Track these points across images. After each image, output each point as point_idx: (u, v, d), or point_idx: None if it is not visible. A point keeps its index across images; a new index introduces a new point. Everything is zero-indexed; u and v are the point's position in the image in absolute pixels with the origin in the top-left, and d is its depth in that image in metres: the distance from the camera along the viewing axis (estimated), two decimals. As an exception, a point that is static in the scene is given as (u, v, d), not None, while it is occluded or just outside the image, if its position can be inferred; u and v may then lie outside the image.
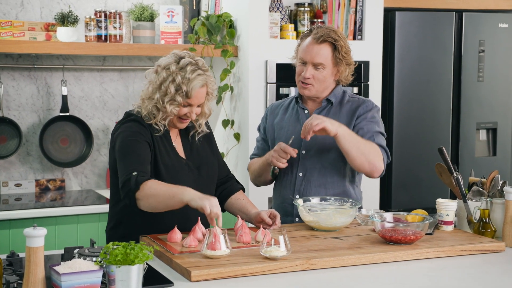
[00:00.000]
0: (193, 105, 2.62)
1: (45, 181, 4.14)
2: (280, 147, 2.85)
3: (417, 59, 4.45)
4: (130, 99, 4.32)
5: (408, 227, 2.53)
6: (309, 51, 2.90)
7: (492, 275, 2.30)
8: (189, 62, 2.59)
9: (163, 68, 2.62)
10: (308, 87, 2.93)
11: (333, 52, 2.89)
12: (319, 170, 2.95)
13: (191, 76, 2.57)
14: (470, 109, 4.62)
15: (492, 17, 4.64)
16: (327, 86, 2.96)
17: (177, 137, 2.75)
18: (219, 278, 2.17)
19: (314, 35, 2.90)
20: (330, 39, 2.88)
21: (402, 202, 4.44)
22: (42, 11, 4.09)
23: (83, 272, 1.92)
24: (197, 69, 2.59)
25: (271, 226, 2.66)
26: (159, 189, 2.45)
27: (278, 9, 4.15)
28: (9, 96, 4.07)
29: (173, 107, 2.59)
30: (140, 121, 2.66)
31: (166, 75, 2.60)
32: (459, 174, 2.84)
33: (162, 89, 2.60)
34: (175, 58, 2.63)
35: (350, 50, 2.94)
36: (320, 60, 2.89)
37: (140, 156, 2.55)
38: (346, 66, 2.93)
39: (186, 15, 4.23)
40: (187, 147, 2.75)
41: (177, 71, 2.58)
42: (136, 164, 2.52)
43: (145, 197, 2.45)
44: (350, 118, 2.95)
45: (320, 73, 2.90)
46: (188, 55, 2.64)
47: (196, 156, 2.75)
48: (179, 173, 2.66)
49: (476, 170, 3.20)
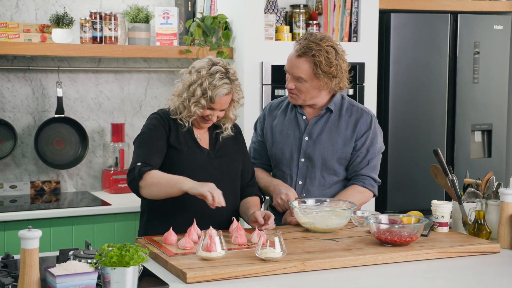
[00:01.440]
0: (216, 110, 2.76)
1: (40, 183, 4.13)
2: (288, 199, 2.87)
3: (412, 61, 4.45)
4: (126, 101, 4.32)
5: (404, 228, 2.53)
6: (290, 63, 2.90)
7: (487, 276, 2.30)
8: (219, 70, 2.74)
9: (196, 70, 2.77)
10: (293, 96, 2.96)
11: (312, 67, 2.83)
12: (318, 179, 2.97)
13: (217, 83, 2.71)
14: (465, 110, 4.62)
15: (487, 19, 4.65)
16: (315, 96, 2.94)
17: (205, 133, 2.88)
18: (215, 279, 2.17)
19: (297, 47, 2.87)
20: (308, 55, 2.82)
21: (397, 204, 4.44)
22: (37, 13, 4.09)
23: (78, 274, 1.92)
24: (225, 78, 2.73)
25: (263, 225, 2.67)
26: (160, 178, 2.64)
27: (273, 11, 4.15)
28: (4, 97, 4.06)
29: (197, 108, 2.74)
30: (160, 115, 2.84)
31: (196, 77, 2.75)
32: (454, 176, 2.85)
33: (190, 90, 2.75)
34: (208, 63, 2.77)
35: (337, 62, 2.84)
36: (299, 74, 2.87)
37: (150, 149, 2.75)
38: (329, 79, 2.86)
39: (182, 17, 4.23)
40: (212, 141, 2.87)
41: (206, 76, 2.73)
42: (143, 156, 2.73)
43: (147, 186, 2.65)
44: (351, 133, 2.97)
45: (302, 85, 2.90)
46: (221, 62, 2.78)
47: (221, 149, 2.85)
48: (196, 161, 2.78)
49: (471, 172, 3.21)
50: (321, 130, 2.97)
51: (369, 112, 3.02)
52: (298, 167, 2.98)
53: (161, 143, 2.77)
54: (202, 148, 2.82)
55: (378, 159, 3.04)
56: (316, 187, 2.97)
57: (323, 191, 2.97)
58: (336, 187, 3.00)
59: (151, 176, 2.65)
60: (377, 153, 3.02)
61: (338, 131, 2.95)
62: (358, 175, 2.98)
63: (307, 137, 2.97)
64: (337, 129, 2.95)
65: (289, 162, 2.99)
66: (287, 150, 3.00)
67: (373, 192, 3.01)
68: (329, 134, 2.96)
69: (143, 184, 2.66)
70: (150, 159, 2.71)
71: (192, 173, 2.70)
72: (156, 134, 2.78)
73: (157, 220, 2.80)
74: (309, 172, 2.97)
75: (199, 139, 2.84)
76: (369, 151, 2.98)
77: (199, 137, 2.84)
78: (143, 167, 2.67)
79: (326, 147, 2.94)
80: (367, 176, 2.98)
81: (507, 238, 2.65)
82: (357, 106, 3.02)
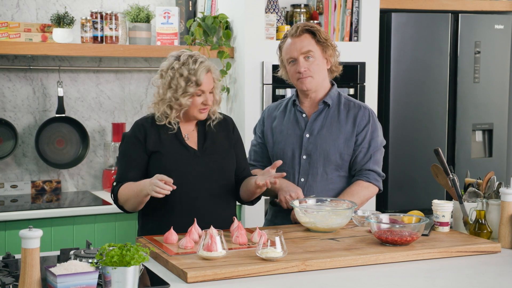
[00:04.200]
0: (206, 92, 2.75)
1: (41, 182, 4.13)
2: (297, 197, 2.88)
3: (413, 61, 4.45)
4: (126, 100, 4.32)
5: (404, 228, 2.53)
6: (294, 47, 2.95)
7: (488, 276, 2.30)
8: (188, 56, 2.75)
9: (167, 69, 2.77)
10: (307, 79, 2.95)
11: (314, 38, 2.95)
12: (320, 175, 2.97)
13: (195, 66, 2.72)
14: (466, 110, 4.62)
15: (488, 19, 4.65)
16: (324, 75, 3.00)
17: (193, 131, 2.85)
18: (215, 279, 2.17)
19: (291, 34, 2.97)
20: (307, 28, 2.95)
21: (398, 203, 4.44)
22: (38, 12, 4.09)
23: (79, 273, 1.92)
24: (198, 59, 2.75)
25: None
26: (128, 192, 2.67)
27: (274, 10, 4.15)
28: (5, 97, 4.06)
29: (186, 98, 2.73)
30: (134, 126, 2.81)
31: (172, 73, 2.74)
32: (455, 175, 2.85)
33: (172, 87, 2.73)
34: (174, 57, 2.78)
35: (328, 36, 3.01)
36: (307, 48, 2.93)
37: (124, 165, 2.77)
38: (332, 48, 2.98)
39: (182, 16, 4.23)
40: (201, 138, 2.83)
41: (181, 66, 2.73)
42: (118, 174, 2.77)
43: (124, 203, 2.72)
44: (351, 127, 2.98)
45: (313, 62, 2.94)
46: (183, 51, 2.80)
47: (210, 147, 2.82)
48: (182, 162, 2.75)
49: (472, 171, 3.21)
50: (322, 126, 2.98)
51: (367, 106, 3.04)
52: (300, 165, 2.98)
53: (135, 155, 2.75)
54: (189, 148, 2.78)
55: (381, 153, 3.04)
56: (318, 183, 2.97)
57: (326, 186, 2.97)
58: (340, 182, 3.00)
59: (121, 193, 2.69)
60: (379, 147, 3.02)
61: (338, 126, 2.97)
62: (362, 170, 2.99)
63: (308, 134, 2.98)
64: (337, 124, 2.98)
65: (291, 160, 3.00)
66: (289, 148, 3.00)
67: (378, 187, 3.02)
68: (330, 129, 2.97)
69: (120, 203, 2.73)
70: (124, 176, 2.74)
71: (179, 174, 2.68)
72: (129, 147, 2.77)
73: (152, 224, 2.78)
74: (311, 169, 2.97)
75: (187, 139, 2.81)
76: (371, 145, 2.99)
77: (187, 136, 2.81)
78: (115, 186, 2.73)
79: (327, 142, 2.95)
80: (371, 170, 2.98)
81: (508, 238, 2.64)
82: (354, 102, 3.05)
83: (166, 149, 2.75)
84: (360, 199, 2.94)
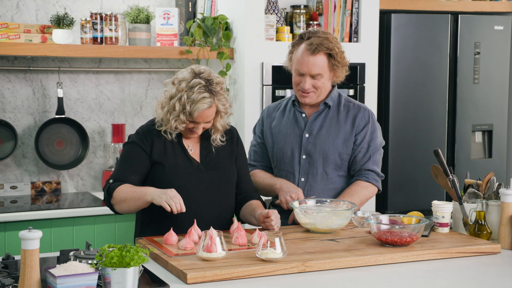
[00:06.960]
0: (200, 123, 2.66)
1: (40, 183, 4.13)
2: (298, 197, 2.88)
3: (413, 61, 4.45)
4: (126, 101, 4.32)
5: (404, 229, 2.53)
6: (305, 63, 2.88)
7: (487, 277, 2.30)
8: (199, 83, 2.61)
9: (178, 81, 2.65)
10: (309, 95, 2.94)
11: (328, 60, 2.88)
12: (321, 175, 2.98)
13: (196, 98, 2.59)
14: (466, 111, 4.62)
15: (488, 19, 4.65)
16: (326, 90, 2.99)
17: (196, 143, 2.78)
18: (215, 280, 2.17)
19: (309, 46, 2.87)
20: (324, 50, 2.86)
21: (398, 204, 4.44)
22: (38, 13, 4.09)
23: (79, 274, 1.92)
24: (205, 91, 2.61)
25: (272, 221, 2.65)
26: (127, 193, 2.60)
27: (274, 11, 4.15)
28: (5, 98, 4.06)
29: (177, 123, 2.65)
30: (140, 133, 2.74)
31: (176, 91, 2.64)
32: (454, 176, 2.85)
33: (171, 104, 2.65)
34: (191, 74, 2.65)
35: (343, 51, 2.94)
36: (318, 71, 2.88)
37: (124, 167, 2.70)
38: (342, 69, 2.94)
39: (182, 17, 4.23)
40: (204, 151, 2.78)
41: (185, 90, 2.61)
42: (116, 173, 2.70)
43: (117, 203, 2.64)
44: (350, 127, 2.98)
45: (319, 81, 2.91)
46: (206, 73, 2.65)
47: (213, 160, 2.77)
48: (185, 174, 2.70)
49: (471, 172, 3.21)
50: (321, 126, 2.98)
51: (366, 107, 3.05)
52: (300, 164, 2.99)
53: (139, 161, 2.69)
54: (192, 160, 2.73)
55: (380, 153, 3.05)
56: (319, 183, 2.98)
57: (326, 186, 2.98)
58: (340, 182, 3.01)
59: (118, 193, 2.61)
60: (378, 148, 3.03)
61: (337, 126, 2.98)
62: (361, 170, 2.99)
63: (307, 134, 2.99)
64: (336, 124, 2.98)
65: (291, 160, 3.00)
66: (288, 148, 3.01)
67: (377, 187, 3.02)
68: (329, 129, 2.98)
69: (113, 201, 2.65)
70: (123, 176, 2.67)
71: (181, 188, 2.61)
72: (134, 152, 2.70)
73: (151, 224, 2.76)
74: (311, 169, 2.98)
75: (190, 150, 2.76)
76: (370, 145, 3.00)
77: (190, 148, 2.76)
78: (112, 184, 2.65)
79: (326, 142, 2.96)
80: (370, 170, 2.99)
81: (507, 239, 2.64)
82: (353, 103, 3.06)
83: (169, 161, 2.70)
84: (360, 199, 2.95)
